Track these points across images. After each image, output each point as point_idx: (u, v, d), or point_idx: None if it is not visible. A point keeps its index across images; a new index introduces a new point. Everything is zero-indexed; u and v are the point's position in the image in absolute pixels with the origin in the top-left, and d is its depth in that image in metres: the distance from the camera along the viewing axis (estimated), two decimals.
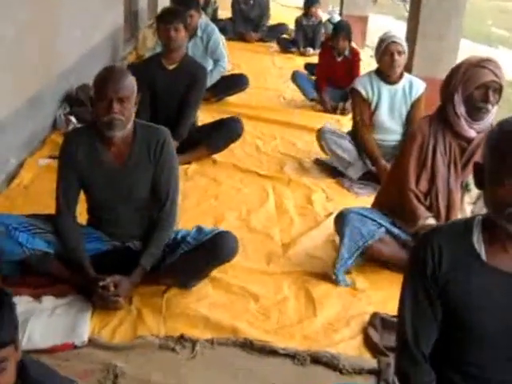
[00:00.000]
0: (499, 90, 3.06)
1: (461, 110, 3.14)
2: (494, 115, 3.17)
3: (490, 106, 3.09)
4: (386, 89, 4.49)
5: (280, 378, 2.42)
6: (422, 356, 2.00)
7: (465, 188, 3.28)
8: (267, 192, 4.27)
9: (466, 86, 3.07)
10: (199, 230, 3.07)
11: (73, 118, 5.19)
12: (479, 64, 3.06)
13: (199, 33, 6.12)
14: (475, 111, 3.12)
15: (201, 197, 4.14)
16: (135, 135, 2.99)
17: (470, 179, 3.22)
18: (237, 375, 2.52)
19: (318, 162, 4.83)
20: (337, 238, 3.42)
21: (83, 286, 2.93)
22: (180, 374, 2.50)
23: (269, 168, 4.72)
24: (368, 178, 4.51)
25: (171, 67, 4.70)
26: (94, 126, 2.99)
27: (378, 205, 3.50)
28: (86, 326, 2.74)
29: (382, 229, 3.29)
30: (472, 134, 3.20)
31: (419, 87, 4.52)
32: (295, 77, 6.77)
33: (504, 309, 1.91)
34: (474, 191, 3.22)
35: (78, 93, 5.52)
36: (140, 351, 2.61)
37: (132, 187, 3.00)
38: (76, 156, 2.98)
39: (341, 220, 3.34)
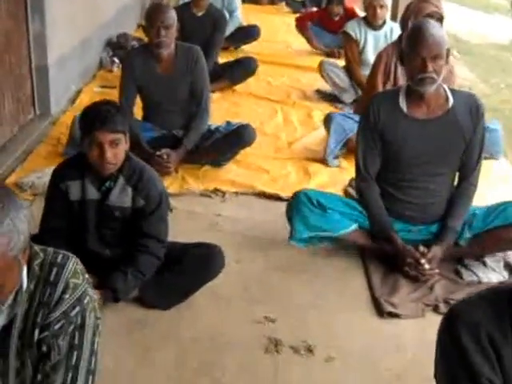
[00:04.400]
0: (440, 19, 4.12)
1: None
2: None
3: None
4: (371, 33, 5.51)
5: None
6: (370, 177, 3.14)
7: None
8: (276, 110, 5.39)
9: (416, 16, 4.14)
10: (228, 123, 4.24)
11: (116, 59, 6.29)
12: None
13: None
14: None
15: (224, 114, 5.21)
16: (177, 52, 4.08)
17: None
18: (254, 209, 3.67)
19: (319, 92, 5.89)
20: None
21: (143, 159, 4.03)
22: (214, 208, 3.65)
23: (277, 95, 5.81)
24: None
25: (199, 14, 5.79)
26: (148, 47, 4.10)
27: (356, 111, 4.59)
28: None
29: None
30: None
31: (399, 32, 5.54)
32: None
33: (419, 143, 3.04)
34: None
35: (118, 39, 6.62)
36: (186, 197, 3.77)
37: (176, 89, 4.10)
38: (135, 68, 4.08)
39: (328, 119, 4.48)
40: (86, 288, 1.54)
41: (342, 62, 6.14)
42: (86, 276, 1.57)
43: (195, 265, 2.72)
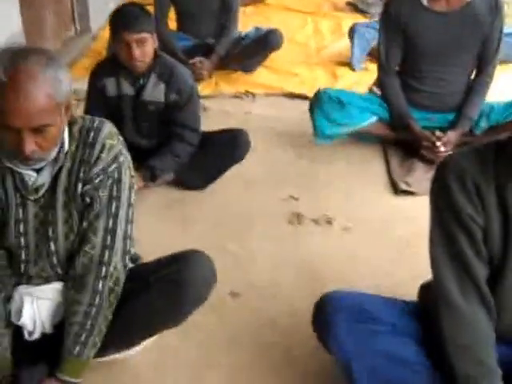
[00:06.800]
0: None
1: None
2: None
3: None
4: None
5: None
6: (391, 70, 3.34)
7: None
8: (307, 21, 5.58)
9: None
10: (257, 29, 4.47)
11: None
12: None
13: None
14: None
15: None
16: None
17: None
18: (282, 108, 3.93)
19: (350, 4, 6.01)
20: None
21: None
22: (245, 107, 3.92)
23: (309, 7, 5.97)
24: None
25: None
26: None
27: None
28: None
29: None
30: None
31: None
32: None
33: (438, 35, 3.20)
34: None
35: None
36: (218, 98, 4.05)
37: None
38: None
39: (351, 31, 4.65)
40: (121, 148, 1.76)
41: None
42: (121, 138, 1.79)
43: (225, 146, 3.01)
